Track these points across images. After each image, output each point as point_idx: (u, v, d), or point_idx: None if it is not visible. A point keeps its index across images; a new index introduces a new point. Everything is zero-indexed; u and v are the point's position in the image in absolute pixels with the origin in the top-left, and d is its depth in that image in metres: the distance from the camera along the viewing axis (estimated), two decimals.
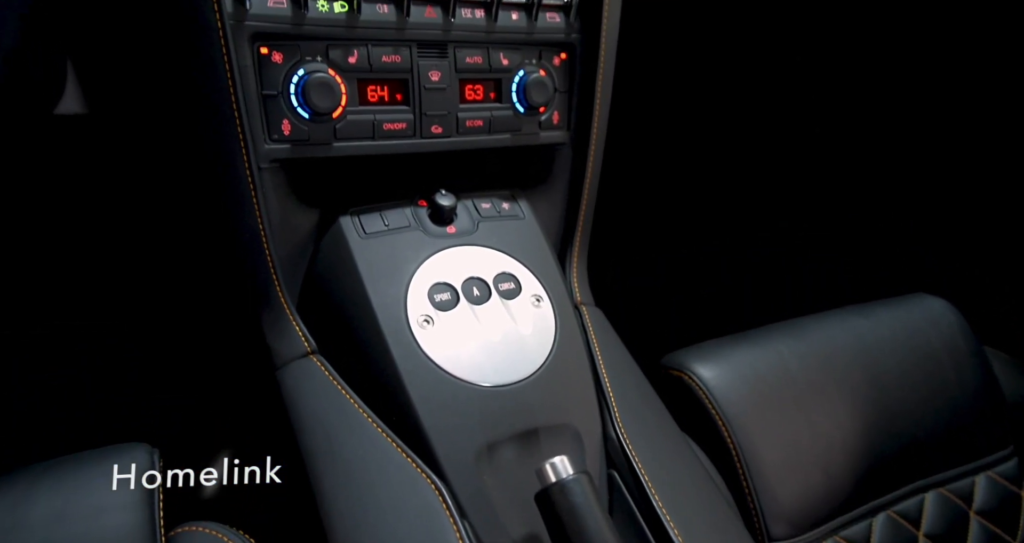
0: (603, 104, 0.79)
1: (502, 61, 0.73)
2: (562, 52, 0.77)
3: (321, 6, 0.62)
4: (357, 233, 0.69)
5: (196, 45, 0.58)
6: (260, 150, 0.63)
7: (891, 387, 0.92)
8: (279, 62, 0.62)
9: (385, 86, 0.68)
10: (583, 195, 0.83)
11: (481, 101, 0.74)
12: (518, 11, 0.72)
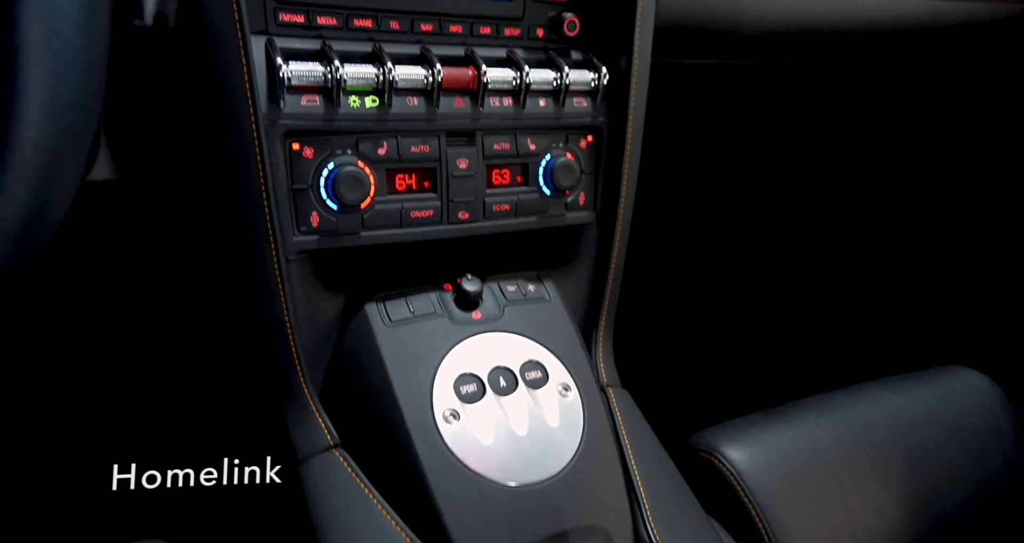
0: (630, 184, 0.79)
1: (529, 146, 0.73)
2: (589, 135, 0.77)
3: (353, 102, 0.63)
4: (383, 321, 0.68)
5: (229, 143, 0.58)
6: (288, 242, 0.63)
7: (932, 471, 0.88)
8: (310, 157, 0.63)
9: (413, 174, 0.69)
10: (609, 274, 0.82)
11: (508, 185, 0.74)
12: (546, 97, 0.73)
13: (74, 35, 0.26)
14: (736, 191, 1.53)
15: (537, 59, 0.74)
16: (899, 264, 1.57)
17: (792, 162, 1.47)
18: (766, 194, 1.53)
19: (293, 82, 0.59)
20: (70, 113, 0.27)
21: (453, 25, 0.69)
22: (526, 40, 0.74)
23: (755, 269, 1.61)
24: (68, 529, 1.04)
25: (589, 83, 0.73)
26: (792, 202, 1.55)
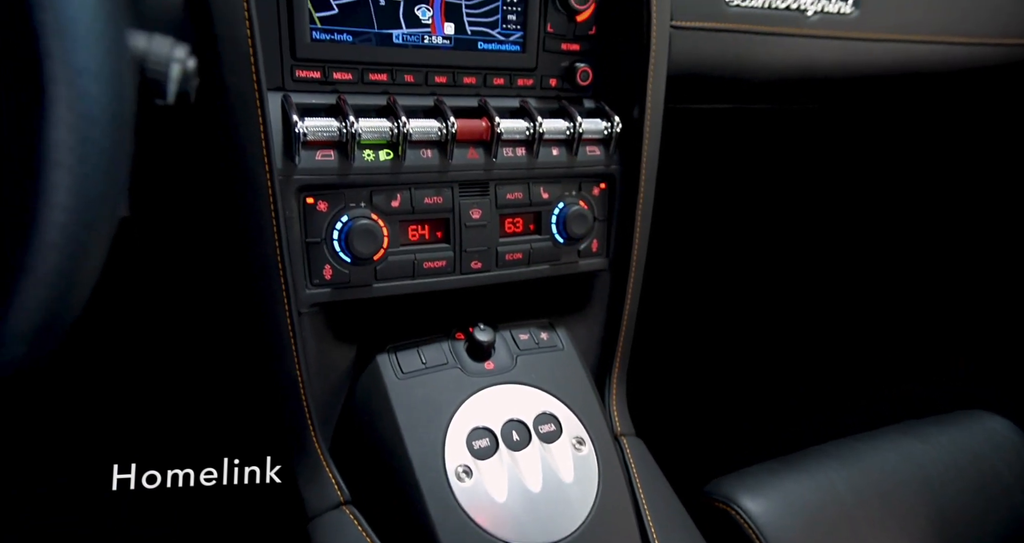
0: (643, 231, 0.79)
1: (542, 195, 0.73)
2: (601, 182, 0.77)
3: (367, 155, 0.63)
4: (394, 373, 0.68)
5: (244, 199, 0.58)
6: (301, 296, 0.63)
7: (955, 521, 0.86)
8: (324, 210, 0.63)
9: (426, 225, 0.68)
10: (623, 320, 0.81)
11: (520, 233, 0.74)
12: (559, 146, 0.73)
13: (102, 140, 0.26)
14: (749, 231, 1.51)
15: (550, 108, 0.74)
16: (918, 302, 1.55)
17: (806, 201, 1.46)
18: (780, 234, 1.52)
19: (308, 138, 0.60)
20: (95, 212, 0.27)
21: (467, 77, 0.70)
22: (539, 89, 0.74)
23: (770, 310, 1.59)
24: (68, 529, 1.02)
25: (602, 132, 0.74)
26: (807, 242, 1.54)
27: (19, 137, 0.25)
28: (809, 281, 1.58)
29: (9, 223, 0.25)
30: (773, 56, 0.84)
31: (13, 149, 0.25)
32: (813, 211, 1.47)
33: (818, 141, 1.30)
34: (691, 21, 0.77)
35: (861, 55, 0.90)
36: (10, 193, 0.25)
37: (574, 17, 0.72)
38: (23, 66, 0.24)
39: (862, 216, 1.48)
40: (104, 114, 0.27)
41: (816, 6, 0.84)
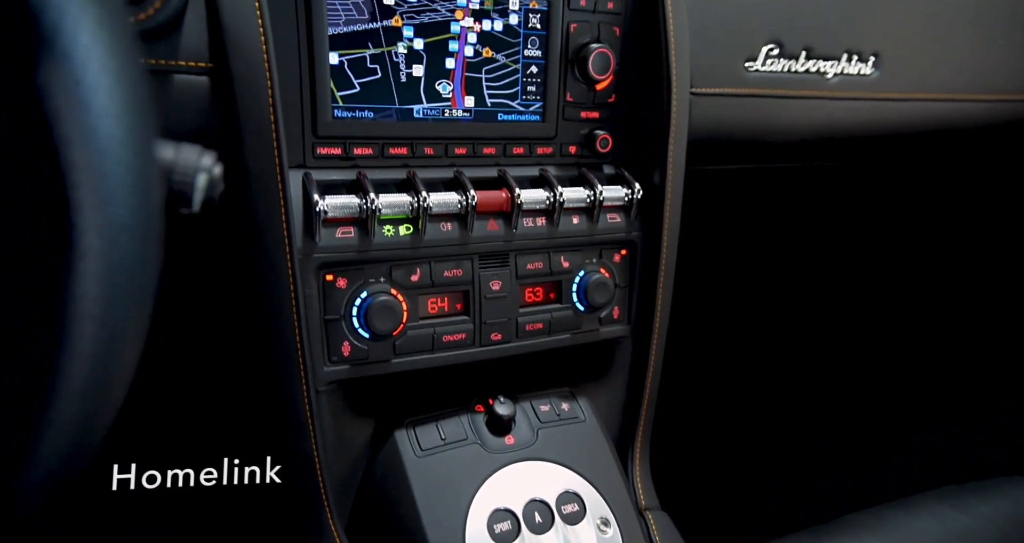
0: (665, 296, 0.77)
1: (563, 264, 0.72)
2: (622, 249, 0.76)
3: (387, 231, 0.63)
4: (413, 450, 0.66)
5: (263, 279, 0.58)
6: (319, 373, 0.62)
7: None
8: (343, 287, 0.62)
9: (446, 297, 0.67)
10: (645, 388, 0.79)
11: (541, 302, 0.72)
12: (579, 215, 0.72)
13: (131, 283, 0.26)
14: (774, 294, 1.48)
15: (570, 176, 0.73)
16: (941, 354, 1.50)
17: (828, 256, 1.43)
18: (806, 296, 1.48)
19: (328, 215, 0.59)
20: (121, 354, 0.26)
21: (487, 147, 0.70)
22: (558, 157, 0.74)
23: (798, 375, 1.54)
24: (68, 529, 1.00)
25: (622, 199, 0.73)
26: (831, 297, 1.50)
27: (41, 286, 0.24)
28: (833, 336, 1.54)
29: (28, 371, 0.25)
30: (793, 118, 0.83)
31: (34, 295, 0.24)
32: (836, 266, 1.44)
33: (839, 196, 1.28)
34: (711, 87, 0.76)
35: (881, 114, 0.89)
36: (29, 341, 0.24)
37: (593, 86, 0.72)
38: (49, 214, 0.24)
39: (885, 269, 1.45)
40: (135, 258, 0.26)
41: (836, 68, 0.84)
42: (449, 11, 0.64)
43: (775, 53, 0.80)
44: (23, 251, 0.29)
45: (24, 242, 0.29)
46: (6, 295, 0.29)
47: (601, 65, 0.70)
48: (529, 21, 0.68)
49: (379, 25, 0.62)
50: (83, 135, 0.27)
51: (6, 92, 0.28)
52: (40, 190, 0.27)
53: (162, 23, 0.47)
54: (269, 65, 0.54)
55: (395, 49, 0.63)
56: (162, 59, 0.51)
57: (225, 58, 0.52)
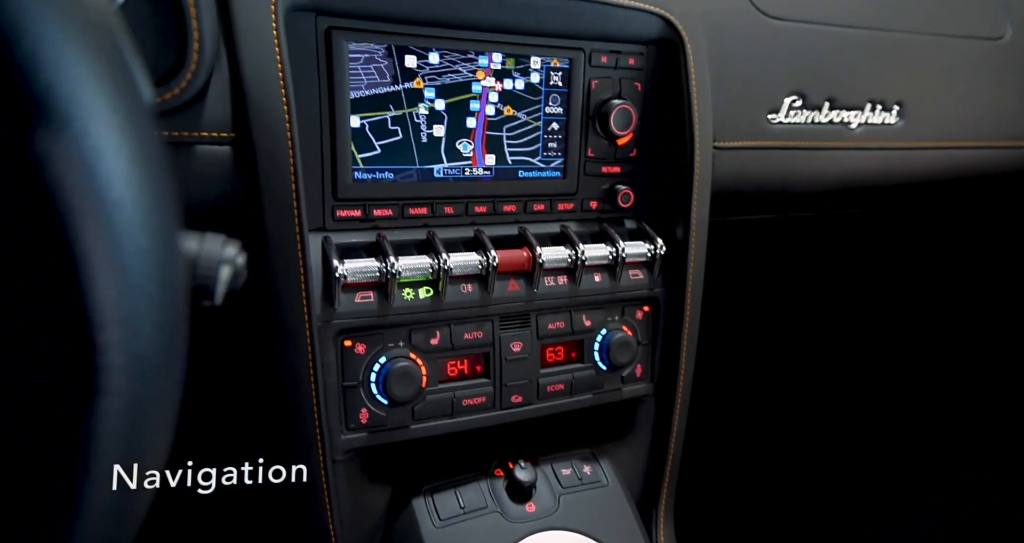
0: (689, 353, 0.75)
1: (584, 323, 0.71)
2: (645, 305, 0.74)
3: (407, 294, 0.62)
4: (431, 520, 0.64)
5: (281, 347, 0.57)
6: (336, 442, 0.60)
7: None
8: (361, 353, 0.61)
9: (465, 360, 0.66)
10: (670, 448, 0.77)
11: (562, 362, 0.71)
12: (601, 272, 0.70)
13: (158, 421, 0.25)
14: (798, 343, 1.43)
15: (591, 232, 0.72)
16: (977, 411, 1.45)
17: (855, 309, 1.38)
18: (831, 343, 1.43)
19: (348, 280, 0.58)
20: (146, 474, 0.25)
21: (507, 205, 0.69)
22: (579, 212, 0.72)
23: (824, 422, 1.49)
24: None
25: (645, 255, 0.71)
26: (860, 351, 1.44)
27: (58, 426, 0.23)
28: (859, 383, 1.49)
29: (48, 499, 0.23)
30: (817, 169, 0.82)
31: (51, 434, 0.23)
32: (861, 312, 1.40)
33: (861, 242, 1.25)
34: (733, 141, 0.75)
35: (906, 163, 0.87)
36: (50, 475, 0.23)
37: (615, 141, 0.72)
38: (72, 352, 0.23)
39: (910, 315, 1.41)
40: (162, 395, 0.25)
41: (860, 118, 0.82)
42: (471, 72, 0.64)
43: (798, 105, 0.79)
44: (37, 354, 0.28)
45: (41, 351, 0.28)
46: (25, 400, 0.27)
47: (623, 122, 0.69)
48: (551, 79, 0.68)
49: (401, 87, 0.61)
50: (99, 230, 0.25)
51: (11, 189, 0.26)
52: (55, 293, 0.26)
53: (187, 100, 0.47)
54: (292, 135, 0.53)
55: (416, 110, 0.63)
56: (185, 131, 0.50)
57: (248, 128, 0.52)
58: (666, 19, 0.68)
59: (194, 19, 0.44)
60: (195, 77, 0.46)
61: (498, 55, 0.64)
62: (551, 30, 0.66)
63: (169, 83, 0.45)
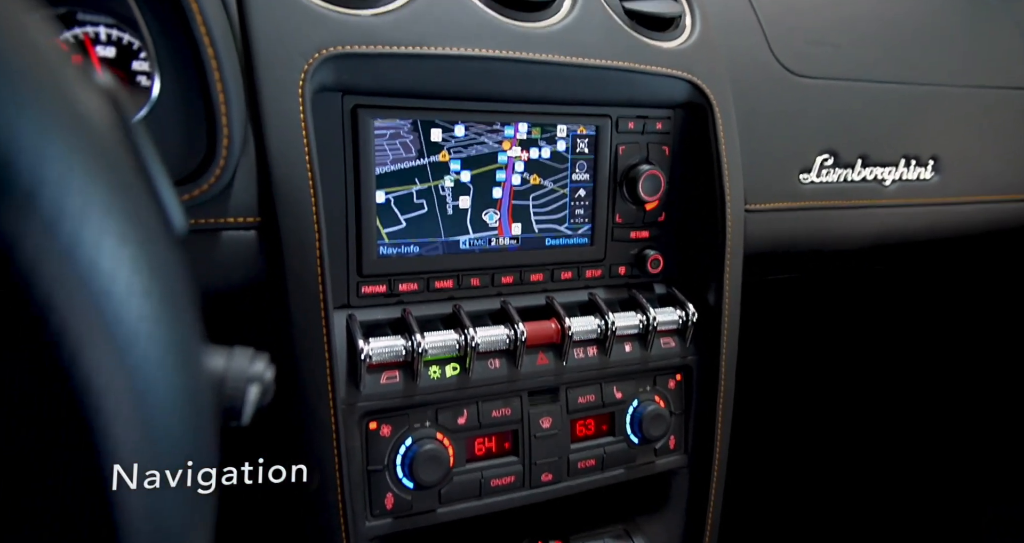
0: (724, 423, 0.72)
1: (615, 394, 0.68)
2: (677, 374, 0.72)
3: (433, 373, 0.60)
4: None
5: (304, 433, 0.55)
6: (360, 529, 0.58)
7: None
8: (387, 435, 0.58)
9: (493, 437, 0.63)
10: (707, 522, 0.73)
11: (592, 436, 0.68)
12: (631, 342, 0.68)
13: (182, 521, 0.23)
14: (836, 406, 1.37)
15: (620, 298, 0.70)
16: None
17: (891, 366, 1.31)
18: (870, 404, 1.36)
19: (374, 360, 0.56)
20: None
21: (534, 274, 0.67)
22: (607, 278, 0.70)
23: (868, 491, 1.41)
24: None
25: (676, 322, 0.69)
26: (901, 411, 1.37)
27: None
28: (901, 444, 1.41)
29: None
30: (851, 228, 0.79)
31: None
32: (898, 370, 1.33)
33: (894, 295, 1.20)
34: (765, 203, 0.73)
35: (942, 218, 0.85)
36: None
37: (643, 206, 0.70)
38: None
39: (947, 372, 1.33)
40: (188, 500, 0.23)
41: (894, 175, 0.80)
42: (497, 142, 0.63)
43: (830, 163, 0.77)
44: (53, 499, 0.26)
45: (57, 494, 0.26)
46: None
47: (651, 187, 0.68)
48: (577, 146, 0.66)
49: (426, 161, 0.61)
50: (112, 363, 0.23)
51: None
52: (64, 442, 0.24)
53: (215, 195, 0.46)
54: (318, 218, 0.52)
55: (442, 183, 0.62)
56: (210, 218, 0.49)
57: (274, 213, 0.51)
58: (694, 83, 0.67)
59: (224, 116, 0.44)
60: (224, 172, 0.45)
61: (524, 125, 0.64)
62: (578, 98, 0.65)
63: (197, 180, 0.44)
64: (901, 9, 0.87)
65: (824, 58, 0.79)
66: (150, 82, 0.43)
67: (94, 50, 0.42)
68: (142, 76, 0.44)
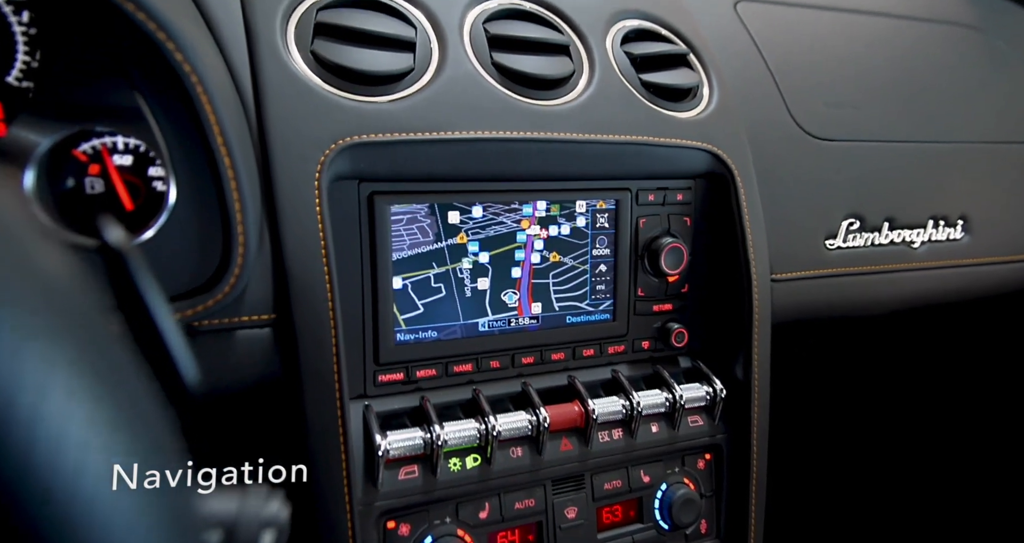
0: (758, 504, 0.69)
1: (643, 479, 0.65)
2: (707, 453, 0.69)
3: (453, 466, 0.57)
4: None
5: (319, 534, 0.52)
6: None
7: None
8: (406, 534, 0.56)
9: (516, 530, 0.60)
10: None
11: (620, 523, 0.65)
12: (658, 422, 0.65)
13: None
14: (884, 485, 1.29)
15: (643, 374, 0.68)
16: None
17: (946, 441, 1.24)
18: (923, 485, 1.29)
19: (392, 455, 0.54)
20: None
21: (555, 353, 0.65)
22: (630, 353, 0.68)
23: None
24: None
25: (704, 398, 0.66)
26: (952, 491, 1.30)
27: None
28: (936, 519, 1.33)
29: None
30: (881, 293, 0.77)
31: None
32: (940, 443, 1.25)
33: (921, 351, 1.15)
34: (792, 272, 0.71)
35: (975, 280, 0.82)
36: None
37: (665, 278, 0.68)
38: None
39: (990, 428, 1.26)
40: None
41: (923, 236, 0.78)
42: (515, 222, 0.61)
43: (856, 227, 0.75)
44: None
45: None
46: None
47: (674, 261, 0.66)
48: (597, 221, 0.65)
49: (444, 244, 0.59)
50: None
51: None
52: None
53: (229, 303, 0.45)
54: (334, 313, 0.50)
55: (460, 266, 0.60)
56: (224, 318, 0.48)
57: (290, 309, 0.49)
58: (714, 153, 0.66)
59: (240, 224, 0.43)
60: (239, 280, 0.44)
61: (543, 202, 0.62)
62: (597, 173, 0.64)
63: (212, 290, 0.43)
64: (920, 66, 0.86)
65: (844, 120, 0.78)
66: (166, 187, 0.43)
67: (111, 159, 0.42)
68: (158, 181, 0.43)
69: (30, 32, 0.41)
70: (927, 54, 0.88)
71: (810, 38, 0.82)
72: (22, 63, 0.41)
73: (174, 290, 0.43)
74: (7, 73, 0.41)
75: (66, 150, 0.41)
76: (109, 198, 0.42)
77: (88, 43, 0.41)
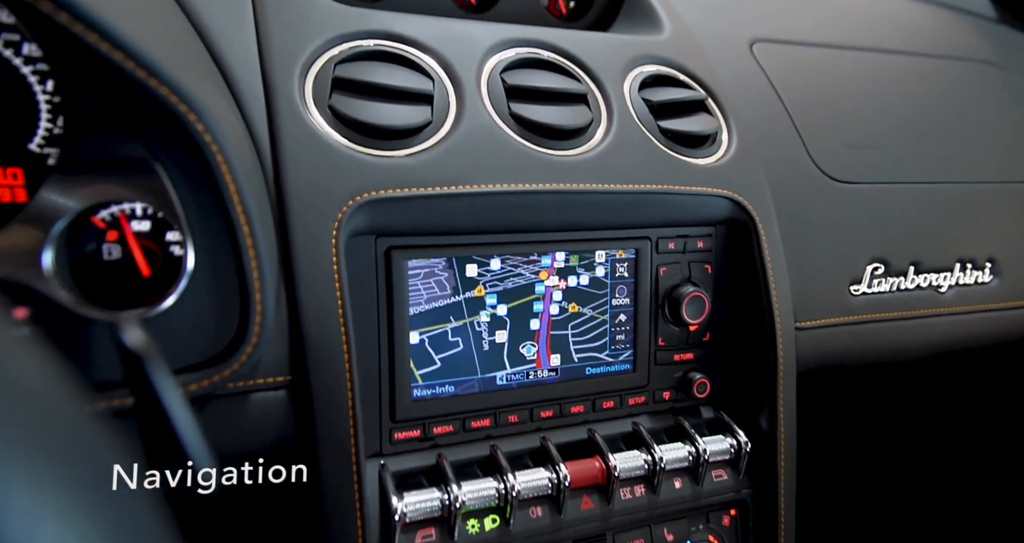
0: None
1: (667, 537, 0.63)
2: (732, 509, 0.66)
3: (471, 527, 0.55)
4: None
5: None
6: None
7: None
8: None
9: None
10: None
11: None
12: (681, 477, 0.63)
13: None
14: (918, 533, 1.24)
15: (665, 426, 0.66)
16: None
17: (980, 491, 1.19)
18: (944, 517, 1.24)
19: (408, 518, 0.53)
20: None
21: (575, 406, 0.63)
22: (651, 404, 0.66)
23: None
24: None
25: (728, 451, 0.64)
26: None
27: None
28: None
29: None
30: (908, 339, 0.75)
31: None
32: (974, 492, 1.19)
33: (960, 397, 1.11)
34: (816, 319, 0.69)
35: (1006, 324, 0.80)
36: None
37: (687, 327, 0.67)
38: None
39: None
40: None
41: (950, 280, 0.76)
42: (533, 273, 0.60)
43: (880, 272, 0.73)
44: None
45: None
46: None
47: (696, 310, 0.65)
48: (616, 271, 0.64)
49: (462, 298, 0.58)
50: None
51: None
52: None
53: (245, 372, 0.44)
54: (351, 372, 0.49)
55: (478, 319, 0.59)
56: (239, 381, 0.47)
57: (305, 370, 0.49)
58: (735, 200, 0.65)
59: (258, 292, 0.42)
60: (255, 350, 0.43)
61: (561, 253, 0.61)
62: (617, 223, 0.63)
63: (228, 359, 0.42)
64: (939, 104, 0.85)
65: (865, 162, 0.76)
66: (183, 251, 0.42)
67: (129, 226, 0.41)
68: (175, 246, 0.42)
69: (54, 100, 0.41)
70: (946, 92, 0.87)
71: (827, 78, 0.81)
72: (44, 130, 0.41)
73: (188, 361, 0.42)
74: (30, 140, 0.41)
75: (85, 217, 0.41)
76: (126, 265, 0.42)
77: (109, 110, 0.41)
